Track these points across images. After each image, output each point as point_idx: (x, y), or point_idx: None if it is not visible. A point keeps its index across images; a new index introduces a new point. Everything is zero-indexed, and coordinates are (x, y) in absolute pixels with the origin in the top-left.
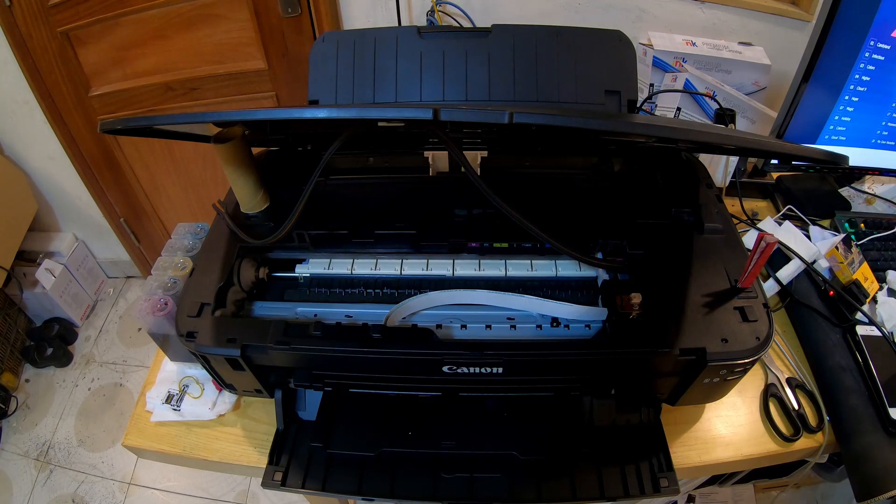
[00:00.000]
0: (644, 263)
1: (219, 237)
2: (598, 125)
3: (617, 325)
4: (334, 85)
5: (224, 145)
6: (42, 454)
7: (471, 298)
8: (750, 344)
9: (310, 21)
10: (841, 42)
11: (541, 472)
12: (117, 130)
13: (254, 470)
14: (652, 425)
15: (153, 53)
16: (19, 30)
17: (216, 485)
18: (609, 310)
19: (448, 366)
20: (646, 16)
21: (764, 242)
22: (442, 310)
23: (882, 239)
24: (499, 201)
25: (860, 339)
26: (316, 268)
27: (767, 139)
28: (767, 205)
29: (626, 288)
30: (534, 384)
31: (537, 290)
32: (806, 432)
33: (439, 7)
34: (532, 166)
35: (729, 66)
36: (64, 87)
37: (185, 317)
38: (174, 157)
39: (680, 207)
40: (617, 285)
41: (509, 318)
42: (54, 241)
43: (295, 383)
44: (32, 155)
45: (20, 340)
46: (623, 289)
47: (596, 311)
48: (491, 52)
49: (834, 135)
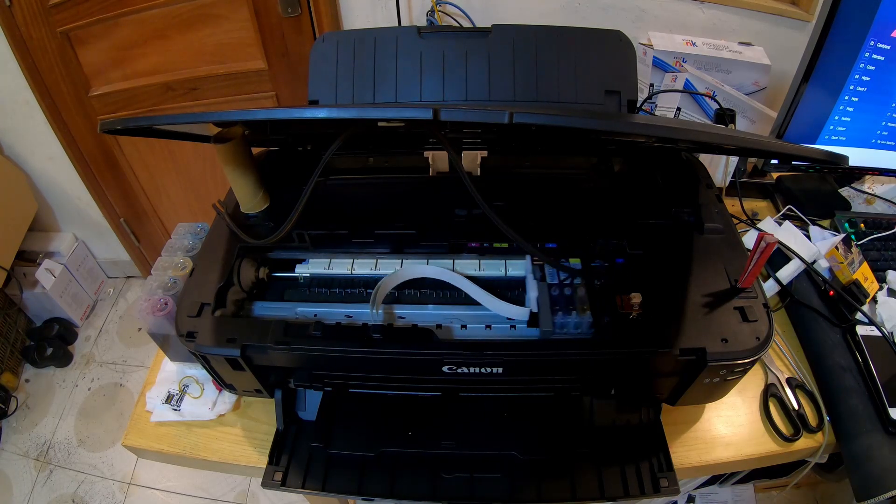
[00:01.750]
0: (643, 263)
1: (219, 237)
2: (598, 125)
3: (617, 325)
4: (334, 85)
5: (224, 145)
6: (42, 454)
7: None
8: (750, 344)
9: (310, 21)
10: (841, 42)
11: (541, 472)
12: (117, 130)
13: (254, 470)
14: (652, 425)
15: (153, 53)
16: (19, 30)
17: (216, 485)
18: (609, 310)
19: (448, 366)
20: (646, 16)
21: (764, 242)
22: (442, 309)
23: (882, 239)
24: (480, 199)
25: (860, 339)
26: (316, 268)
27: (767, 139)
28: (767, 205)
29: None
30: (534, 384)
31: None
32: (806, 432)
33: (439, 7)
34: (532, 166)
35: (729, 66)
36: (64, 87)
37: (185, 317)
38: (174, 157)
39: (680, 207)
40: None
41: (509, 317)
42: (54, 241)
43: (295, 383)
44: (32, 155)
45: (20, 340)
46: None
47: (518, 311)
48: (491, 52)
49: (834, 135)
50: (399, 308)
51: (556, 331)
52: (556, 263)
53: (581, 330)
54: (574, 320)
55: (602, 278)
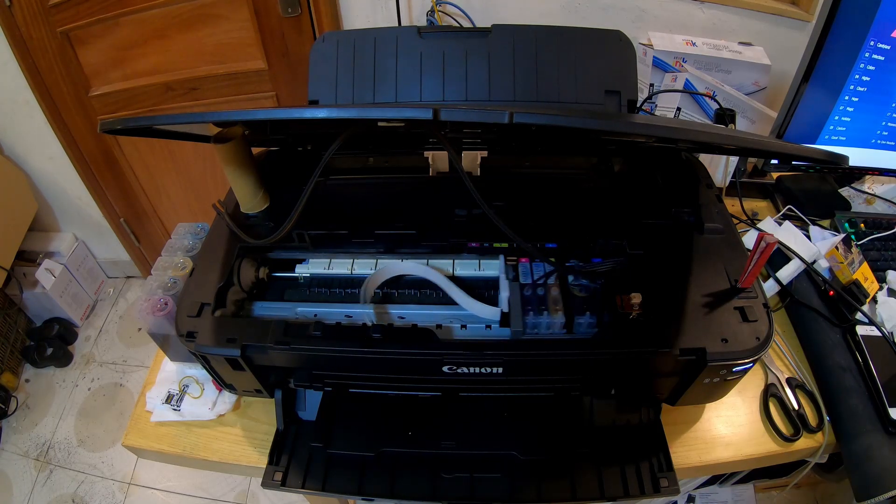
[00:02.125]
0: (643, 263)
1: (219, 237)
2: (598, 125)
3: (617, 325)
4: (334, 85)
5: (224, 145)
6: (42, 454)
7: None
8: (750, 344)
9: (310, 21)
10: (841, 42)
11: (541, 472)
12: (117, 130)
13: (254, 470)
14: (652, 425)
15: (153, 53)
16: (19, 30)
17: (216, 485)
18: (609, 310)
19: (448, 366)
20: (646, 16)
21: (764, 242)
22: (442, 309)
23: (882, 239)
24: (480, 199)
25: (860, 339)
26: (316, 268)
27: (767, 139)
28: (767, 205)
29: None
30: (534, 384)
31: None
32: (806, 432)
33: (439, 7)
34: (532, 166)
35: (729, 66)
36: (64, 87)
37: (185, 317)
38: (174, 157)
39: (680, 207)
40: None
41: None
42: (54, 241)
43: (295, 383)
44: (32, 155)
45: (20, 340)
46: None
47: (489, 310)
48: (491, 52)
49: (834, 135)
50: (399, 308)
51: (527, 331)
52: (567, 269)
53: (553, 330)
54: (546, 321)
55: (601, 278)
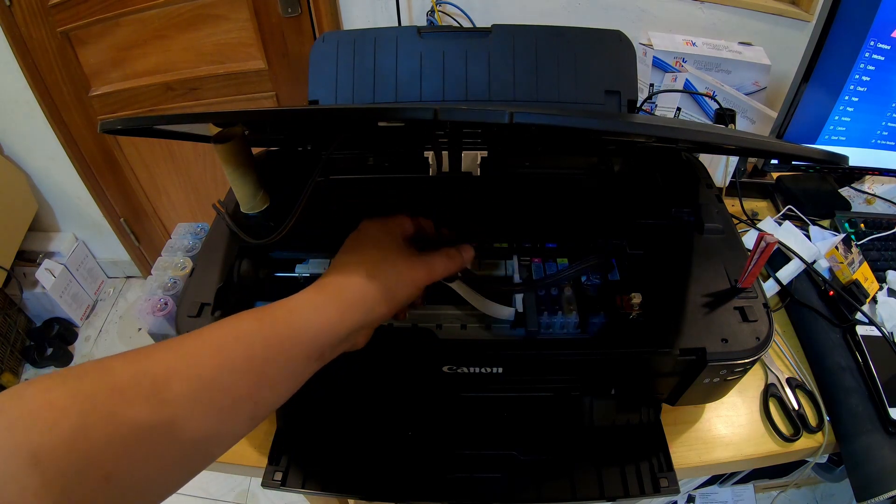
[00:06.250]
0: (643, 263)
1: (219, 237)
2: (598, 125)
3: (617, 325)
4: (334, 85)
5: (224, 145)
6: None
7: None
8: (750, 344)
9: (310, 21)
10: (841, 42)
11: (541, 472)
12: (117, 130)
13: (254, 470)
14: (652, 425)
15: (153, 53)
16: (19, 30)
17: (216, 485)
18: (609, 310)
19: (448, 366)
20: (646, 16)
21: (764, 242)
22: (442, 309)
23: (882, 239)
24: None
25: (860, 339)
26: (316, 268)
27: (767, 139)
28: (767, 205)
29: (625, 288)
30: (534, 384)
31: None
32: (806, 432)
33: (439, 7)
34: (532, 166)
35: (729, 66)
36: (64, 87)
37: (185, 317)
38: (174, 157)
39: (680, 207)
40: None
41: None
42: (54, 241)
43: None
44: (32, 155)
45: (20, 340)
46: (623, 289)
47: (504, 311)
48: (491, 52)
49: (834, 135)
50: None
51: (542, 331)
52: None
53: (567, 330)
54: (560, 320)
55: (599, 278)
